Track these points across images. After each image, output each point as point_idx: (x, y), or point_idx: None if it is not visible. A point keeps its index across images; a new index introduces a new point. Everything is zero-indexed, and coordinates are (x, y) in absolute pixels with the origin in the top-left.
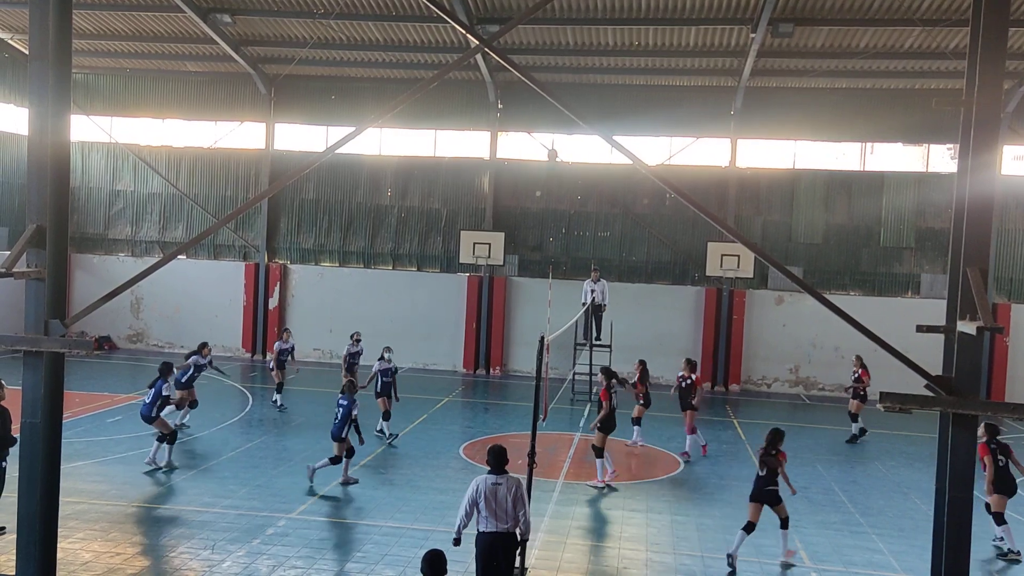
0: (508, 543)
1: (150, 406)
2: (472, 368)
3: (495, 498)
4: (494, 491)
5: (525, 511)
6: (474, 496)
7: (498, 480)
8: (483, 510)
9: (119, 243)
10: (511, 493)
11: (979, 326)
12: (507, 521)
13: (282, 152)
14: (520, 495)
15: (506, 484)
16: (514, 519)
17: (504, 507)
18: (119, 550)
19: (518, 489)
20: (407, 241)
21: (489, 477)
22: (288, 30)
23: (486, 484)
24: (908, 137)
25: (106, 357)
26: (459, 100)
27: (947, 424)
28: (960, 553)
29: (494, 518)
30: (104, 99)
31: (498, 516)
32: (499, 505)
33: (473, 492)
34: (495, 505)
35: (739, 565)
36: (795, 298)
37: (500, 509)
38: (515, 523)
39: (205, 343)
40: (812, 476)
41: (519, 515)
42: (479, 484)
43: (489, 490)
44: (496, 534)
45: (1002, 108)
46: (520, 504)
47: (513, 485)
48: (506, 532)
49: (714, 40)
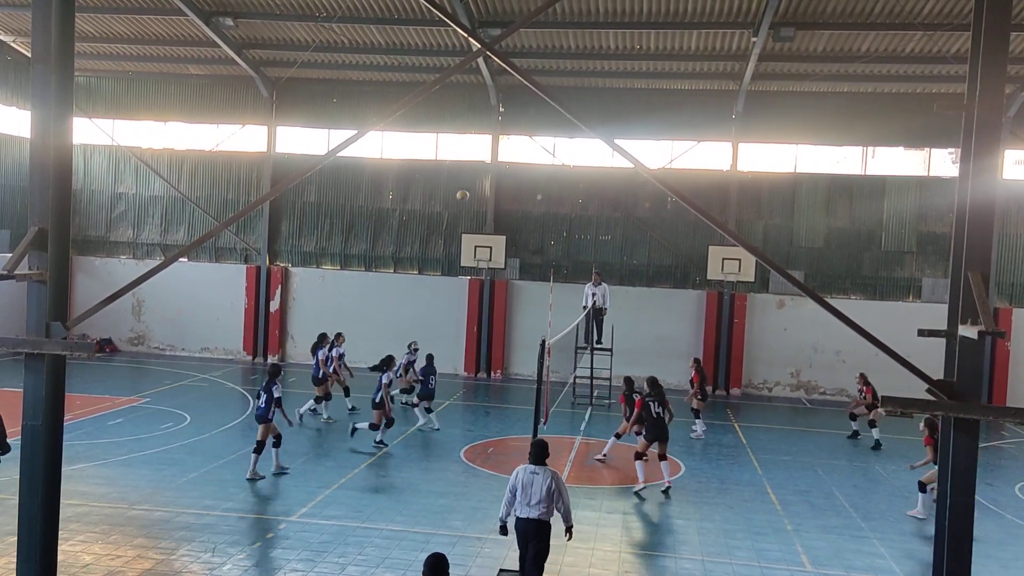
0: (541, 529)
1: (266, 408)
2: (473, 371)
3: (531, 487)
4: (531, 480)
5: (563, 500)
6: (514, 484)
7: (536, 471)
8: (519, 497)
9: (121, 246)
10: (546, 483)
11: (981, 330)
12: (540, 508)
13: (284, 155)
14: (556, 486)
15: (543, 475)
16: (547, 507)
17: (539, 496)
18: (120, 553)
19: (554, 480)
20: (408, 244)
21: (529, 467)
22: (290, 33)
23: (525, 473)
24: (909, 141)
25: (107, 360)
26: (461, 103)
27: (948, 428)
28: (962, 557)
29: (528, 505)
30: (106, 102)
31: (532, 503)
32: (534, 493)
33: (513, 480)
34: (530, 493)
35: (738, 569)
36: (796, 302)
37: (535, 497)
38: (548, 511)
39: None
40: (813, 480)
41: (554, 504)
42: (519, 473)
43: (527, 479)
44: (529, 520)
45: (1004, 112)
46: (557, 494)
47: (549, 476)
48: (539, 519)
49: (716, 44)
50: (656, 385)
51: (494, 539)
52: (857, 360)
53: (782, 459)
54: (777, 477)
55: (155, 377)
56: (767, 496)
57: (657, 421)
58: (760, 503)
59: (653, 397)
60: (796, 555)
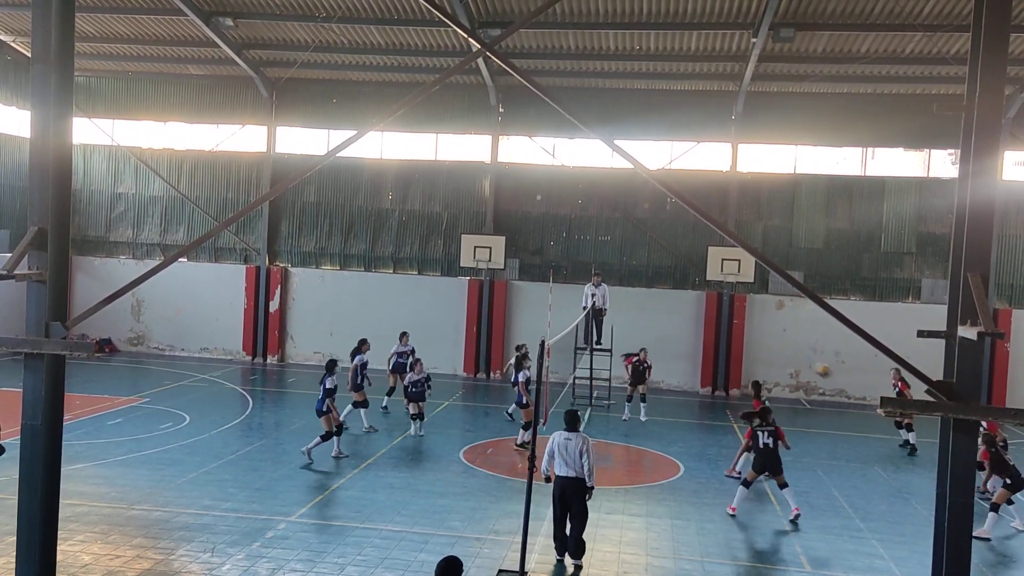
0: (577, 486)
1: (320, 401)
2: (472, 372)
3: (566, 450)
4: (565, 445)
5: (589, 461)
6: (551, 447)
7: (569, 436)
8: (557, 459)
9: (120, 246)
10: (579, 447)
11: (980, 331)
12: (575, 468)
13: (283, 155)
14: (585, 447)
15: (576, 439)
16: (581, 467)
17: (573, 457)
18: (119, 553)
19: (585, 443)
20: (408, 245)
21: (563, 433)
22: (290, 34)
23: (560, 438)
24: (909, 142)
25: (107, 360)
26: (460, 104)
27: (948, 429)
28: (961, 559)
29: (565, 465)
30: (106, 102)
31: (568, 464)
32: (569, 455)
33: (551, 444)
34: (566, 455)
35: (739, 569)
36: (796, 303)
37: (570, 458)
38: (582, 470)
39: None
40: (813, 481)
41: (583, 463)
42: (556, 438)
43: (561, 443)
44: (567, 478)
45: (1003, 113)
46: (585, 455)
47: (581, 440)
48: (575, 477)
49: (715, 45)
50: (766, 413)
51: (493, 539)
52: (856, 361)
53: (782, 460)
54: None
55: (154, 377)
56: (766, 497)
57: (764, 451)
58: (760, 504)
59: (762, 426)
60: (796, 556)
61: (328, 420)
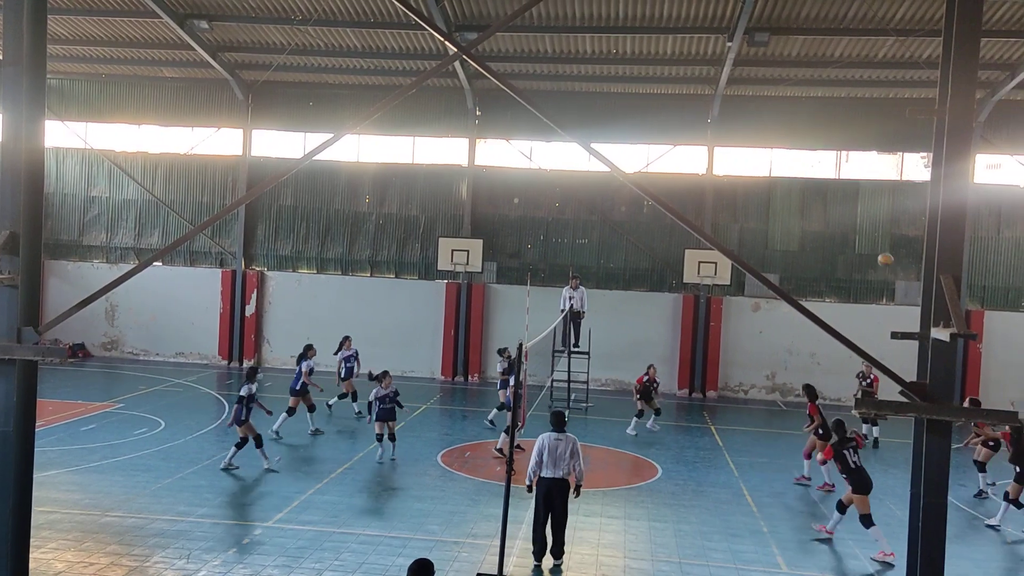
0: (563, 487)
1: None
2: (450, 375)
3: (556, 451)
4: (555, 445)
5: (579, 462)
6: (540, 448)
7: (558, 437)
8: (545, 460)
9: (94, 250)
10: (568, 448)
11: (953, 333)
12: (563, 469)
13: (259, 158)
14: (575, 449)
15: (564, 440)
16: (569, 468)
17: (563, 458)
18: (93, 560)
19: (574, 444)
20: (385, 248)
21: (552, 434)
22: (266, 36)
23: (549, 439)
24: (882, 145)
25: (80, 365)
26: (437, 107)
27: (922, 430)
28: (935, 558)
29: (553, 466)
30: (79, 105)
31: (556, 465)
32: (558, 456)
33: (540, 445)
34: (556, 456)
35: (714, 570)
36: (772, 305)
37: (559, 460)
38: (570, 471)
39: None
40: (787, 482)
41: (574, 465)
42: (544, 439)
43: (552, 444)
44: (554, 479)
45: (974, 117)
46: (575, 456)
47: (571, 441)
48: (562, 478)
49: (691, 49)
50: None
51: (471, 543)
52: (832, 363)
53: (758, 461)
54: (753, 479)
55: (129, 382)
56: (743, 498)
57: (856, 470)
58: (736, 505)
59: (845, 444)
60: (772, 556)
61: (248, 427)
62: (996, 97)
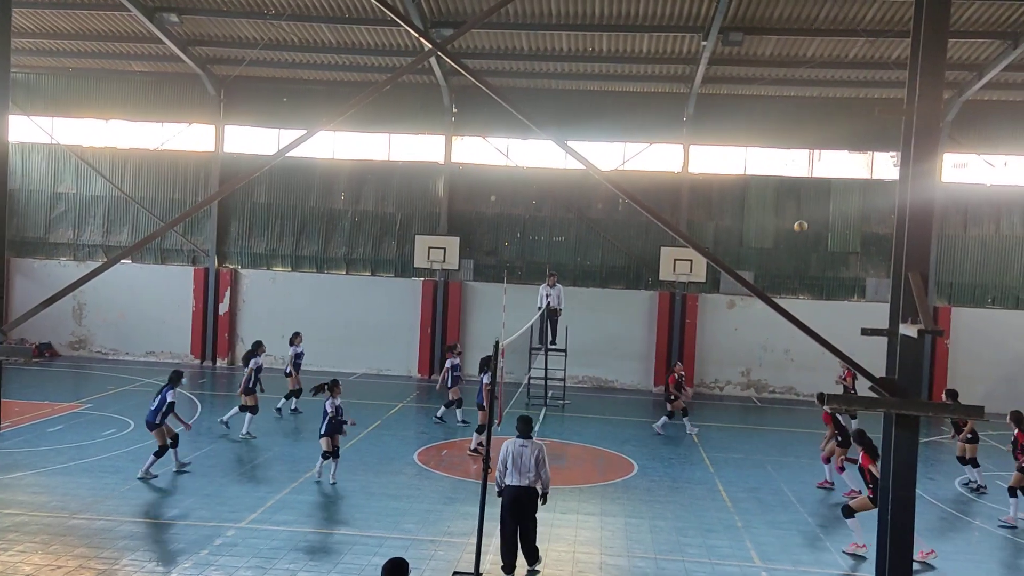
0: (530, 495)
1: (154, 413)
2: (427, 373)
3: (520, 458)
4: (520, 452)
5: (545, 470)
6: (504, 456)
7: (524, 443)
8: (510, 467)
9: (61, 247)
10: (534, 455)
11: (920, 329)
12: (529, 477)
13: (232, 155)
14: (542, 456)
15: (530, 447)
16: (535, 476)
17: (528, 465)
18: (61, 563)
19: (540, 451)
20: (361, 246)
21: (517, 440)
22: (238, 31)
23: (514, 446)
24: (853, 145)
25: (47, 365)
26: (413, 104)
27: (891, 424)
28: (904, 550)
29: (518, 474)
30: (45, 99)
31: (522, 473)
32: (524, 464)
33: (504, 453)
34: (520, 464)
35: (689, 566)
36: (746, 302)
37: (524, 467)
38: (536, 479)
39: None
40: (762, 477)
41: (540, 473)
42: (509, 446)
43: (516, 451)
44: (520, 487)
45: (942, 117)
46: (541, 464)
47: (537, 448)
48: (528, 486)
49: (667, 47)
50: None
51: (447, 542)
52: (805, 359)
53: (733, 457)
54: (728, 475)
55: (97, 382)
56: (718, 494)
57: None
58: (711, 501)
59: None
60: (746, 551)
61: (162, 434)
62: (963, 97)
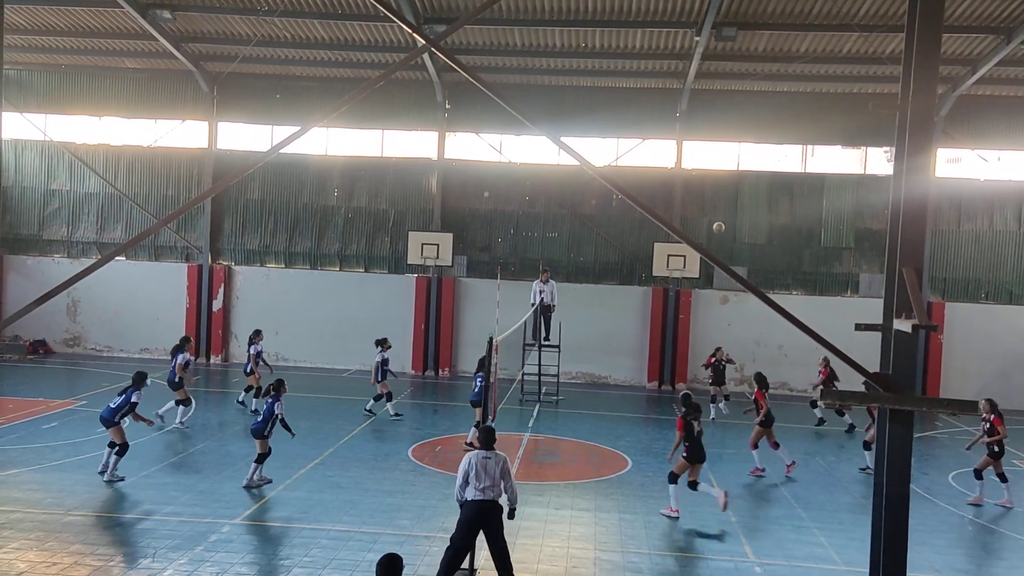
0: (495, 510)
1: (114, 411)
2: (421, 369)
3: (485, 471)
4: (484, 464)
5: (511, 483)
6: (467, 469)
7: (488, 455)
8: (472, 481)
9: (54, 244)
10: (499, 467)
11: (914, 324)
12: (494, 490)
13: (225, 151)
14: (506, 468)
15: (494, 459)
16: (500, 489)
17: (493, 478)
18: (56, 560)
19: (504, 464)
20: (354, 242)
21: (481, 452)
22: (231, 27)
23: (477, 458)
24: (847, 140)
25: (41, 362)
26: (406, 100)
27: (884, 419)
28: (898, 546)
29: (482, 489)
30: (38, 96)
31: (486, 487)
32: (488, 476)
33: (465, 465)
34: (484, 476)
35: (683, 561)
36: (740, 298)
37: (489, 480)
38: (500, 492)
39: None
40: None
41: (505, 486)
42: (472, 458)
43: (480, 463)
44: (483, 502)
45: (936, 112)
46: (506, 476)
47: (501, 460)
48: (492, 500)
49: (660, 43)
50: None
51: (442, 538)
52: (799, 355)
53: (727, 452)
54: (722, 470)
55: (91, 379)
56: (712, 489)
57: (698, 441)
58: (705, 496)
59: (692, 415)
60: (740, 546)
61: (120, 432)
62: (957, 92)
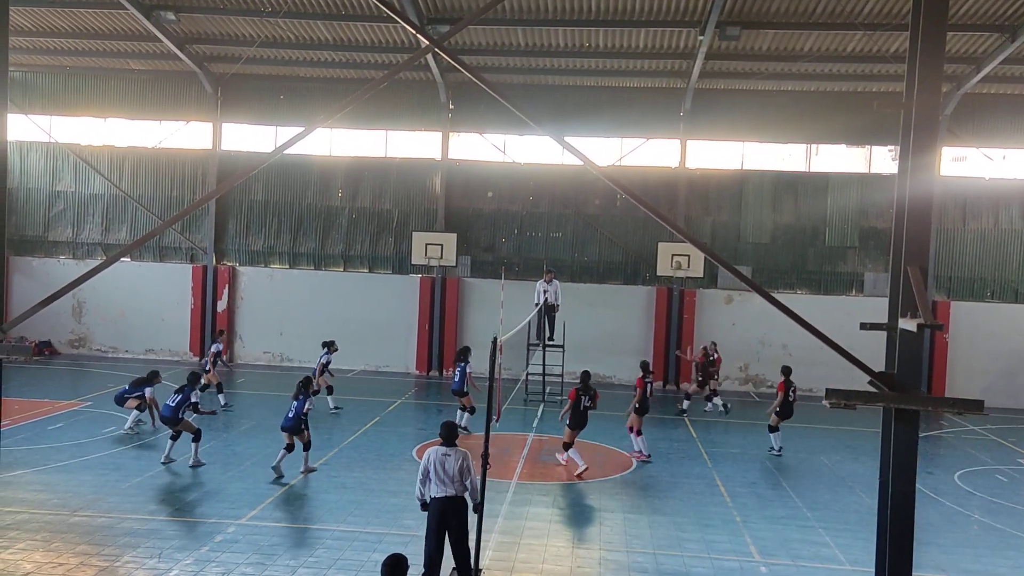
0: (458, 506)
1: (175, 409)
2: (425, 370)
3: (443, 467)
4: (443, 461)
5: (472, 479)
6: (426, 465)
7: (447, 451)
8: (433, 478)
9: (60, 245)
10: (459, 463)
11: (920, 323)
12: (454, 487)
13: (230, 152)
14: (467, 465)
15: (454, 455)
16: (461, 485)
17: (451, 475)
18: (62, 560)
19: (465, 459)
20: (358, 242)
21: (440, 448)
22: (235, 28)
23: (436, 455)
24: (851, 139)
25: (47, 363)
26: (410, 100)
27: (890, 419)
28: (904, 545)
29: (443, 485)
30: (43, 98)
31: (446, 483)
32: (447, 473)
33: (425, 462)
34: (443, 473)
35: (688, 561)
36: (744, 297)
37: (448, 476)
38: (463, 488)
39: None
40: (761, 472)
41: (466, 482)
42: (431, 455)
43: (439, 460)
44: (446, 498)
45: (940, 111)
46: (467, 472)
47: (461, 456)
48: (455, 496)
49: (663, 42)
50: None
51: None
52: (803, 354)
53: (731, 452)
54: (726, 470)
55: (97, 380)
56: (716, 489)
57: (583, 413)
58: (710, 496)
59: (584, 391)
60: (745, 546)
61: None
62: (962, 91)
